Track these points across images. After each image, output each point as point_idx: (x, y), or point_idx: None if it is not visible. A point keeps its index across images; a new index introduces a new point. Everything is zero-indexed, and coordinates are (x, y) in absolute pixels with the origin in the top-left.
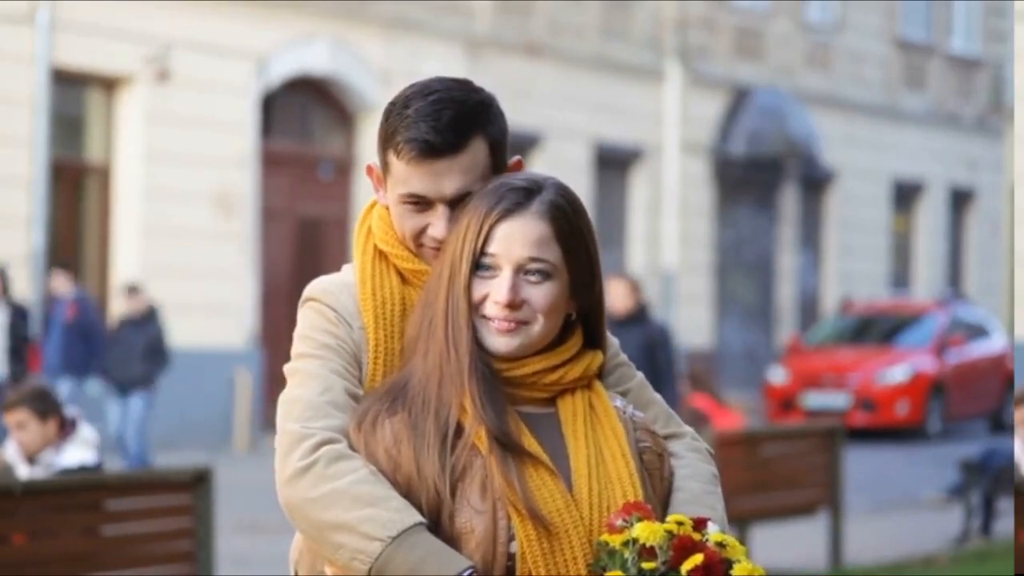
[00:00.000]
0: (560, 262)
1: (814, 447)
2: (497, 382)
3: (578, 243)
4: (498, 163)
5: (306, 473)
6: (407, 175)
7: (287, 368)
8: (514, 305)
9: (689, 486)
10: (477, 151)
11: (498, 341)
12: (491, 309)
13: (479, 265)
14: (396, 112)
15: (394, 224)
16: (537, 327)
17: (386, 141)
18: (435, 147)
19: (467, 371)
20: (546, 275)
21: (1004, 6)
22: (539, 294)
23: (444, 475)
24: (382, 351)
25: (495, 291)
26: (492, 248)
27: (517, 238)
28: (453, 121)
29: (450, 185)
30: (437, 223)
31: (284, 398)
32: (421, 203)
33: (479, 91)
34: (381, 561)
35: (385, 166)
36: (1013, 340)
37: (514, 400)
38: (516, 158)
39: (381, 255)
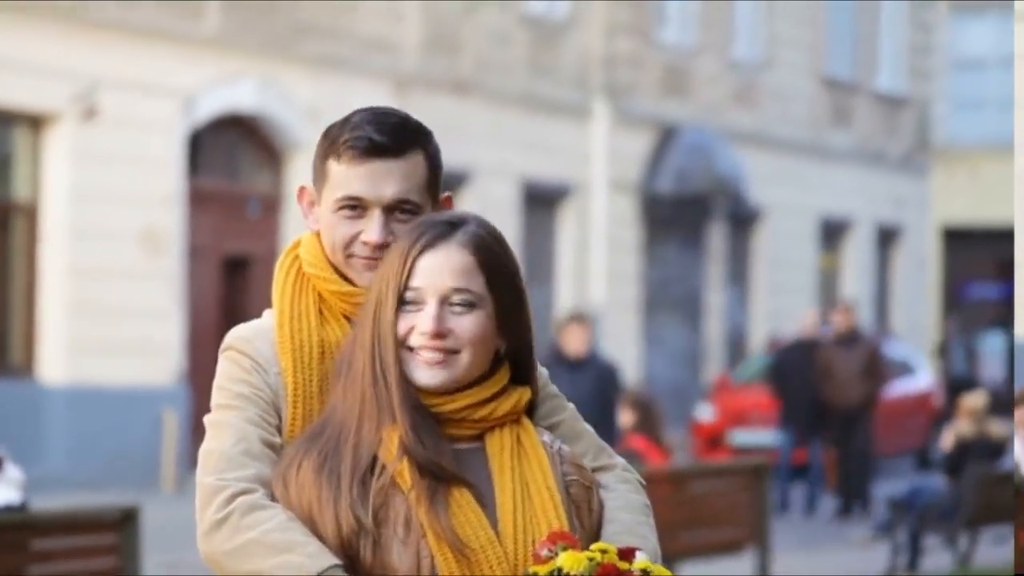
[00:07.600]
0: (484, 292)
1: (741, 484)
2: (429, 414)
3: (502, 274)
4: (434, 190)
5: (222, 526)
6: (347, 177)
7: (205, 420)
8: (440, 334)
9: (620, 517)
10: (418, 163)
11: (426, 374)
12: (417, 340)
13: (404, 300)
14: (338, 125)
15: (324, 238)
16: (465, 357)
17: (326, 153)
18: (379, 145)
19: (398, 403)
20: (470, 305)
21: (931, 44)
22: (465, 324)
23: (366, 507)
24: (301, 395)
25: (421, 323)
26: (415, 282)
27: (440, 269)
28: (398, 126)
29: (389, 188)
30: (371, 227)
31: (201, 451)
32: (357, 208)
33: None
34: None
35: (324, 179)
36: (1013, 341)
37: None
38: (446, 194)
39: (300, 291)
